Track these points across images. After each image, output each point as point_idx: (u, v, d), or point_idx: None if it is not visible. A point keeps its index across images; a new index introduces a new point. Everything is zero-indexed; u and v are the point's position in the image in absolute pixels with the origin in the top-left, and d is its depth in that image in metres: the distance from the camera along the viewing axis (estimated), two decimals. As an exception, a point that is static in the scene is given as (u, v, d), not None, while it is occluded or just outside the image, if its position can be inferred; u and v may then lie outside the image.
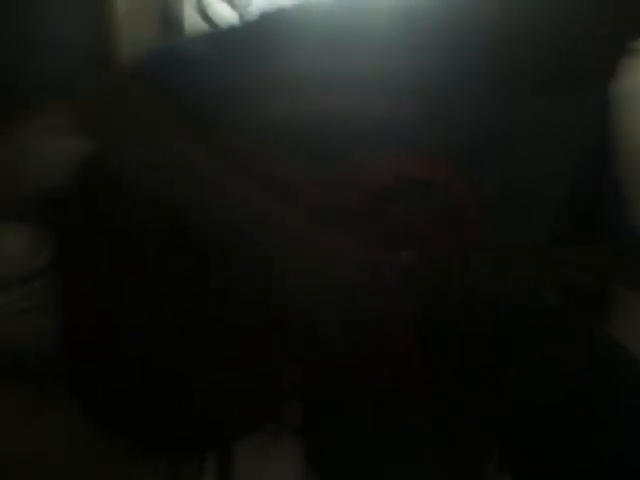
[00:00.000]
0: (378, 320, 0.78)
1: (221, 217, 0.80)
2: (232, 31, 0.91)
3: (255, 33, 0.86)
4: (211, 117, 0.84)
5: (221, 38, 0.90)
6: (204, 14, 1.48)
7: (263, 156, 0.84)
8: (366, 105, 0.82)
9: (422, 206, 0.81)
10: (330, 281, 0.78)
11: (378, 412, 0.81)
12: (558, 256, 0.79)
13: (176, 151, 0.82)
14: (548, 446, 0.85)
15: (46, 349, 0.91)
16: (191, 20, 1.49)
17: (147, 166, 0.83)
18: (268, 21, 0.87)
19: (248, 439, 0.87)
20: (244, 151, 0.84)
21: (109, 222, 0.87)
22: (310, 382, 0.81)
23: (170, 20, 1.49)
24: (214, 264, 0.83)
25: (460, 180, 0.81)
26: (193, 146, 0.81)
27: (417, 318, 0.78)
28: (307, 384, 0.81)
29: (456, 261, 0.79)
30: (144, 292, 0.85)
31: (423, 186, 0.81)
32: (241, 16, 1.43)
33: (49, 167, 1.12)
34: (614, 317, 0.99)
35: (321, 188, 0.82)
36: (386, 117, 0.82)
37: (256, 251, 0.79)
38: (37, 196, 0.90)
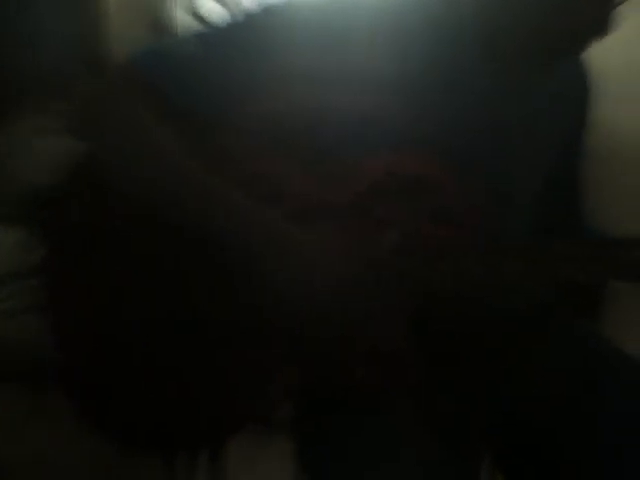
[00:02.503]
0: (370, 319, 0.78)
1: (210, 218, 0.80)
2: (222, 29, 0.91)
3: (245, 31, 0.86)
4: (202, 116, 0.84)
5: (211, 36, 0.90)
6: (195, 13, 1.48)
7: (253, 153, 0.84)
8: (356, 102, 0.82)
9: (413, 203, 0.81)
10: (322, 280, 0.78)
11: (371, 411, 0.81)
12: (551, 251, 0.79)
13: (167, 151, 0.82)
14: (541, 444, 0.85)
15: (40, 349, 0.91)
16: (182, 19, 1.49)
17: (138, 166, 0.83)
18: (257, 19, 0.87)
19: (241, 439, 0.87)
20: (235, 148, 0.84)
21: (102, 221, 0.87)
22: (303, 381, 0.81)
23: (161, 19, 1.49)
24: (206, 263, 0.83)
25: (451, 176, 0.81)
26: (183, 146, 0.81)
27: (409, 316, 0.78)
28: (300, 383, 0.81)
29: (447, 258, 0.79)
30: (137, 291, 0.85)
31: (414, 183, 0.81)
32: (232, 14, 1.42)
33: (42, 166, 1.12)
34: (606, 314, 0.99)
35: (312, 185, 0.82)
36: (376, 113, 0.82)
37: (248, 249, 0.79)
38: (30, 195, 0.90)
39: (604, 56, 0.94)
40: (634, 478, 0.80)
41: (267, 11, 0.87)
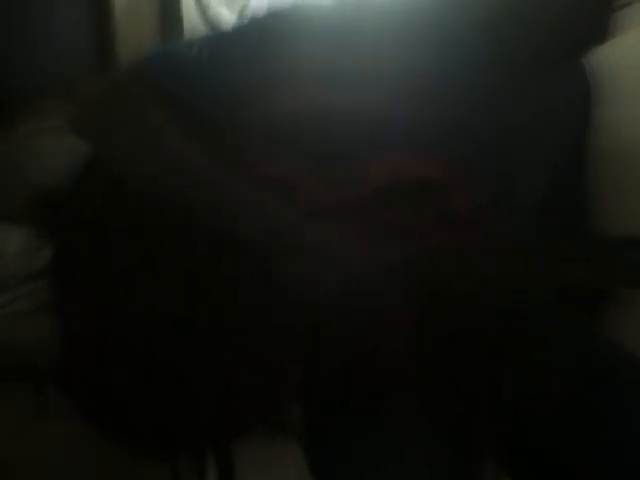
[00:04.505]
0: (377, 319, 0.78)
1: (218, 215, 0.80)
2: (231, 32, 0.92)
3: (253, 34, 0.87)
4: (211, 117, 0.84)
5: (220, 39, 0.90)
6: (204, 15, 1.49)
7: (263, 155, 0.84)
8: (365, 104, 0.82)
9: (420, 205, 0.81)
10: (329, 280, 0.78)
11: (377, 412, 0.81)
12: (555, 252, 0.79)
13: (175, 151, 0.82)
14: (546, 445, 0.85)
15: (45, 350, 0.91)
16: (190, 21, 1.49)
17: (145, 166, 0.83)
18: (266, 22, 0.87)
19: (249, 441, 0.87)
20: (244, 150, 0.84)
21: (107, 222, 0.87)
22: (309, 381, 0.81)
23: (169, 21, 1.50)
24: (213, 263, 0.83)
25: (457, 178, 0.81)
26: (192, 146, 0.82)
27: (415, 317, 0.78)
28: (306, 383, 0.81)
29: (454, 260, 0.79)
30: (142, 291, 0.85)
31: (421, 185, 0.81)
32: (240, 16, 1.43)
33: (48, 167, 1.12)
34: (611, 316, 0.99)
35: (320, 187, 0.82)
36: (385, 115, 0.82)
37: (256, 249, 0.79)
38: (35, 196, 0.90)
39: (608, 58, 0.94)
40: (636, 478, 0.81)
41: (275, 14, 0.87)
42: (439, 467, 0.81)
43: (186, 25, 1.47)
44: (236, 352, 0.82)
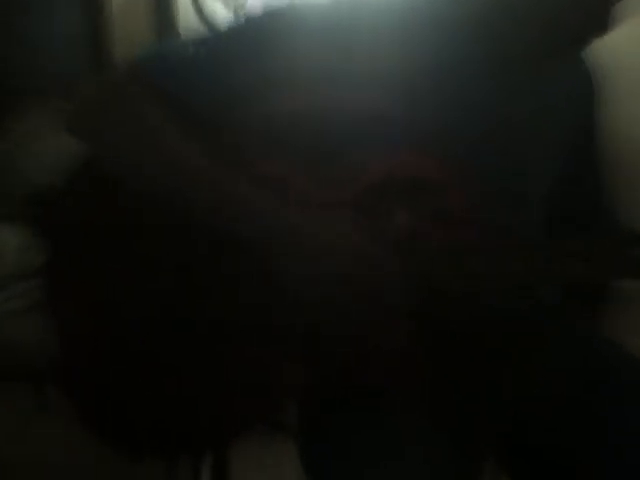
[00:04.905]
0: (376, 318, 0.78)
1: (218, 215, 0.80)
2: (227, 31, 0.92)
3: (250, 32, 0.86)
4: (208, 116, 0.84)
5: (217, 38, 0.90)
6: (200, 14, 1.48)
7: (261, 154, 0.84)
8: (361, 102, 0.82)
9: (416, 203, 0.81)
10: (329, 278, 0.78)
11: (377, 411, 0.81)
12: (555, 250, 0.79)
13: (174, 151, 0.82)
14: (546, 445, 0.85)
15: (41, 349, 0.91)
16: (186, 20, 1.49)
17: (144, 166, 0.83)
18: (262, 20, 0.87)
19: (244, 440, 0.86)
20: (242, 149, 0.84)
21: (103, 221, 0.86)
22: (308, 380, 0.81)
23: (165, 20, 1.50)
24: (212, 261, 0.83)
25: (454, 176, 0.80)
26: (191, 145, 0.81)
27: (415, 316, 0.78)
28: (305, 382, 0.81)
29: (453, 259, 0.79)
30: (139, 291, 0.85)
31: (415, 184, 0.81)
32: (236, 15, 1.43)
33: (44, 166, 1.12)
34: (611, 316, 0.99)
35: (316, 185, 0.82)
36: (381, 114, 0.82)
37: (255, 247, 0.79)
38: (32, 195, 0.90)
39: (607, 52, 0.93)
40: (636, 478, 0.80)
41: (271, 12, 0.87)
42: (439, 466, 0.80)
43: (182, 24, 1.47)
44: (236, 351, 0.81)
